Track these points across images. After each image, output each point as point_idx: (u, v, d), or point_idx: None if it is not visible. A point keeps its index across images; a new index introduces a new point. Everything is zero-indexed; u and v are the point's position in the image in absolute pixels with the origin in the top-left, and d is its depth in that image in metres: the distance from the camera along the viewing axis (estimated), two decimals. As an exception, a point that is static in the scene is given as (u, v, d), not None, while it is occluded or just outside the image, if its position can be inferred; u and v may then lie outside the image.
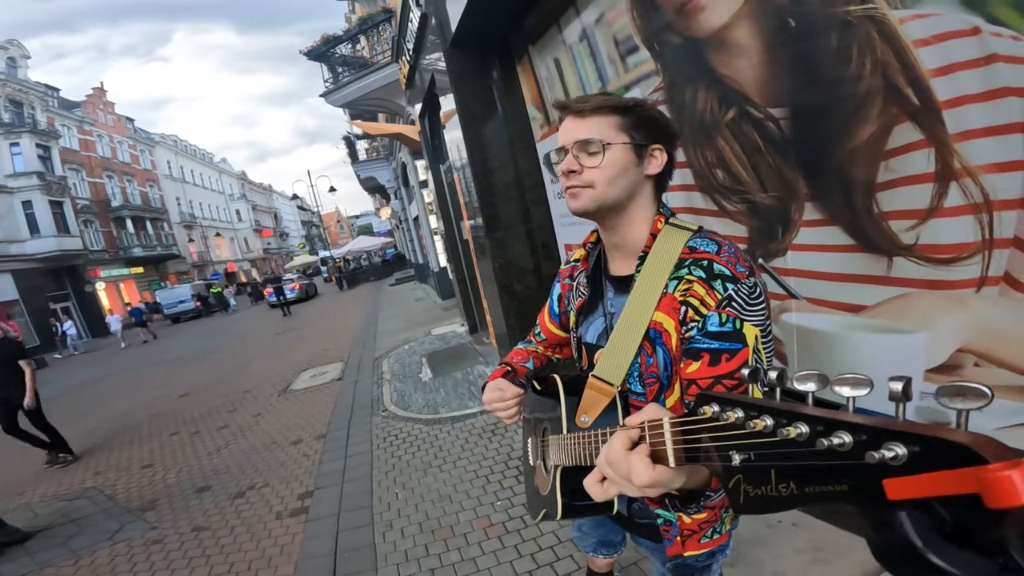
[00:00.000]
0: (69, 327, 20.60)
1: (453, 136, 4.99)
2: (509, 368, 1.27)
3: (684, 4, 2.01)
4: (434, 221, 11.22)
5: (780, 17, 1.67)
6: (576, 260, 1.18)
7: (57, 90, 28.60)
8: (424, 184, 11.10)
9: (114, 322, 19.75)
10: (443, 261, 11.63)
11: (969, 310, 1.46)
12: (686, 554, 1.06)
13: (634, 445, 0.65)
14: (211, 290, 28.05)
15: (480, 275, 5.80)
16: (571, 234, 3.85)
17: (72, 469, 5.20)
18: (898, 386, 0.39)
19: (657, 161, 0.95)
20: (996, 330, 1.43)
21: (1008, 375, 1.42)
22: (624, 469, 0.63)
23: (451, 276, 8.84)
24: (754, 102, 1.86)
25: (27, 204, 23.10)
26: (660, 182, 0.99)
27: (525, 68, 3.73)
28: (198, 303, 25.88)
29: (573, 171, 0.94)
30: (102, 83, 38.06)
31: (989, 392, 0.35)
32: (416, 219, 15.07)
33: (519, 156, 4.17)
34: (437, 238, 11.51)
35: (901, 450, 0.34)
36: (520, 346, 1.36)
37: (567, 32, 3.02)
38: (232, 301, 27.74)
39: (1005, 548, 0.31)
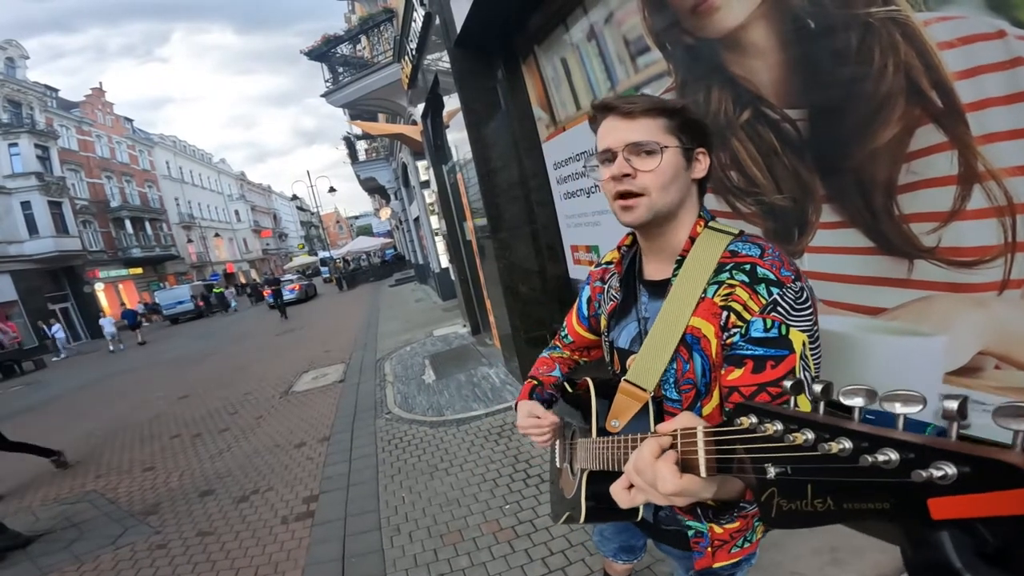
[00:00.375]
0: (57, 331, 20.23)
1: (456, 136, 4.98)
2: (536, 382, 1.25)
3: (698, 4, 1.99)
4: (435, 222, 11.21)
5: (799, 18, 1.66)
6: (608, 262, 1.15)
7: (56, 90, 28.54)
8: (425, 184, 11.09)
9: (107, 324, 18.95)
10: (444, 262, 11.62)
11: (991, 313, 1.45)
12: (715, 566, 1.04)
13: (663, 452, 0.64)
14: (213, 290, 28.59)
15: (483, 276, 5.79)
16: (576, 235, 3.83)
17: (72, 472, 5.17)
18: (953, 405, 0.38)
19: (702, 165, 0.94)
20: (1018, 333, 1.41)
21: (1030, 378, 1.40)
22: (651, 476, 0.62)
23: (453, 277, 8.83)
24: (770, 103, 1.85)
25: (26, 205, 23.08)
26: (706, 185, 0.98)
27: (531, 68, 3.71)
28: (200, 303, 25.99)
29: (627, 175, 0.90)
30: (101, 83, 38.11)
31: None
32: (417, 220, 15.06)
33: (524, 156, 4.15)
34: (438, 239, 11.49)
35: (951, 470, 0.34)
36: (544, 354, 1.34)
37: (574, 32, 3.00)
38: (233, 302, 28.22)
39: None
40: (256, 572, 2.81)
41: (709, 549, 1.02)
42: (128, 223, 31.02)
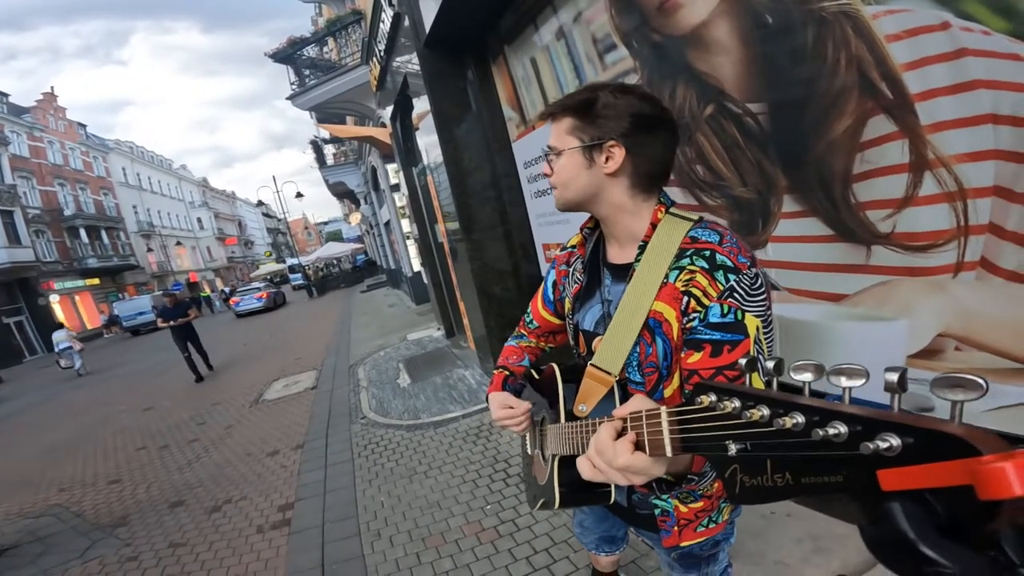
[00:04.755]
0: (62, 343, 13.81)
1: (427, 139, 4.96)
2: (508, 373, 1.26)
3: (663, 2, 2.04)
4: (407, 225, 11.11)
5: (757, 14, 1.71)
6: (572, 246, 1.17)
7: (6, 95, 27.31)
8: (396, 188, 10.99)
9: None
10: (416, 266, 11.52)
11: (947, 295, 1.52)
12: (682, 544, 1.07)
13: (619, 435, 0.70)
14: (201, 295, 32.60)
15: (457, 278, 5.77)
16: (549, 234, 3.86)
17: (35, 485, 4.95)
18: (894, 376, 0.39)
19: (615, 158, 0.92)
20: (975, 313, 1.48)
21: (988, 358, 1.46)
22: (610, 455, 0.68)
23: (426, 280, 8.77)
24: (733, 98, 1.90)
25: (-26, 215, 22.03)
26: (640, 175, 0.94)
27: (501, 68, 3.73)
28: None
29: (546, 174, 1.02)
30: (52, 88, 36.63)
31: (985, 384, 0.35)
32: (387, 224, 14.91)
33: (495, 157, 4.16)
34: (410, 242, 11.40)
35: (896, 441, 0.35)
36: (511, 343, 1.35)
37: (544, 31, 3.03)
38: (217, 303, 31.46)
39: (997, 541, 0.31)
40: (232, 583, 2.74)
41: (676, 528, 1.04)
42: (83, 232, 29.79)
